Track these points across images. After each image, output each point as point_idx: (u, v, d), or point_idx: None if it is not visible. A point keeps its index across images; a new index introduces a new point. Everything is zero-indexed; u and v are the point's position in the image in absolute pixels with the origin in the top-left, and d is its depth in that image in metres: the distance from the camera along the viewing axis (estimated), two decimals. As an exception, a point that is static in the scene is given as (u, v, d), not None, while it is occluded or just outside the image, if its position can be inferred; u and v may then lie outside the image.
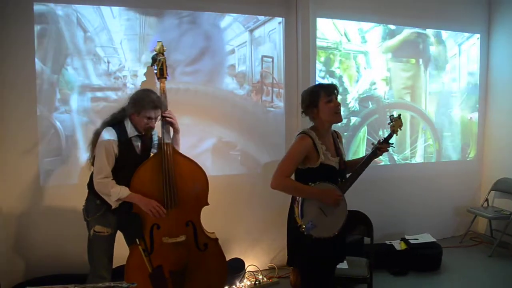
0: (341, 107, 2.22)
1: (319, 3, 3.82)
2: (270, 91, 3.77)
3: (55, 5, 3.11)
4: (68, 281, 2.46)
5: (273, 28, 3.73)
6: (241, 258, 3.60)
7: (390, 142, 2.31)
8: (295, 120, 3.75)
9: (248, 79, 3.68)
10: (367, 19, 4.12)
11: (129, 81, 3.30)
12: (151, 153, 2.65)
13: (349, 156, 3.93)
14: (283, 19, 3.75)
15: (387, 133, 2.34)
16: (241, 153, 3.70)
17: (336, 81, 4.00)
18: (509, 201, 4.35)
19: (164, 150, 2.51)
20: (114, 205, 2.42)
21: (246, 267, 3.60)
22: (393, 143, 2.33)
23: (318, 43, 3.91)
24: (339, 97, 2.23)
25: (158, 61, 2.66)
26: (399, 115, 2.35)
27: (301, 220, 2.10)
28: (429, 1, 4.36)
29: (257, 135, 3.74)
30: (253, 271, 3.60)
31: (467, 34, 4.63)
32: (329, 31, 3.98)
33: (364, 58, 4.16)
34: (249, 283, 3.45)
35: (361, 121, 4.19)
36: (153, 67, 2.73)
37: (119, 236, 2.61)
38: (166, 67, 2.68)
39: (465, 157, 4.75)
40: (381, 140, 2.30)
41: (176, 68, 3.40)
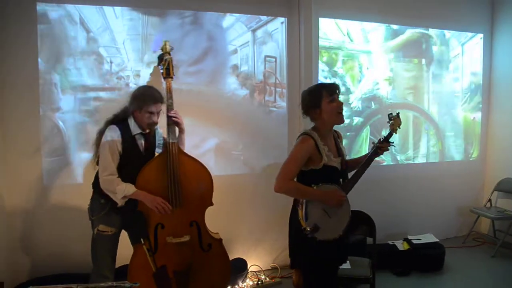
0: (343, 107, 2.18)
1: (321, 3, 3.82)
2: (273, 91, 3.77)
3: (58, 5, 3.12)
4: (71, 280, 2.46)
5: (276, 28, 3.73)
6: (244, 258, 3.60)
7: (390, 141, 2.28)
8: (297, 120, 3.74)
9: (251, 79, 3.68)
10: (369, 19, 4.12)
11: (131, 81, 3.31)
12: (155, 153, 2.65)
13: (351, 156, 3.92)
14: (286, 19, 3.75)
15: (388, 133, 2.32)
16: (244, 153, 3.70)
17: (339, 81, 4.00)
18: (512, 202, 4.34)
19: (170, 149, 2.51)
20: (120, 202, 2.41)
21: (248, 267, 3.59)
22: (393, 142, 2.31)
23: (321, 43, 3.91)
24: (342, 97, 2.19)
25: (165, 61, 2.64)
26: (398, 113, 2.32)
27: (305, 223, 2.08)
28: (432, 1, 4.35)
29: (259, 135, 3.74)
30: (255, 271, 3.61)
31: (470, 34, 4.61)
32: (331, 31, 3.97)
33: (367, 58, 4.15)
34: (251, 283, 3.45)
35: (364, 121, 4.18)
36: (159, 67, 2.72)
37: (122, 236, 2.61)
38: (173, 66, 2.67)
39: (468, 157, 4.74)
40: (382, 139, 2.28)
41: (179, 68, 3.40)
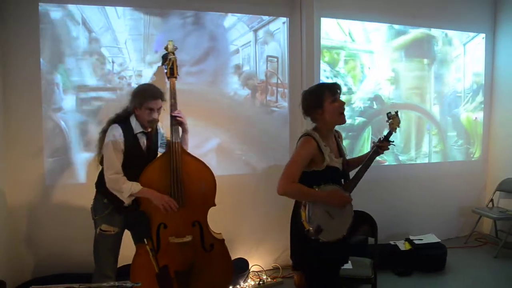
0: (345, 106, 2.15)
1: (323, 3, 3.81)
2: (275, 91, 3.77)
3: (60, 5, 3.13)
4: (73, 280, 2.46)
5: (278, 28, 3.73)
6: (245, 258, 3.60)
7: (390, 140, 2.27)
8: (299, 120, 3.73)
9: (253, 79, 3.68)
10: (371, 18, 4.11)
11: (133, 81, 3.31)
12: (158, 153, 2.66)
13: (352, 156, 3.92)
14: (287, 19, 3.75)
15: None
16: (245, 153, 3.70)
17: (340, 81, 3.98)
18: (514, 202, 4.33)
19: (173, 149, 2.51)
20: (127, 201, 2.40)
21: (250, 267, 3.59)
22: (393, 141, 2.30)
23: (322, 43, 3.90)
24: (344, 97, 2.18)
25: (169, 60, 2.65)
26: (396, 112, 2.30)
27: (308, 225, 2.04)
28: (433, 1, 4.34)
29: (261, 135, 3.73)
30: (257, 271, 3.60)
31: (472, 34, 4.60)
32: (333, 31, 3.97)
33: (369, 58, 4.15)
34: (253, 283, 3.45)
35: (366, 121, 4.18)
36: (163, 66, 2.73)
37: (124, 236, 2.61)
38: (177, 66, 2.67)
39: (470, 157, 4.73)
40: (382, 138, 2.28)
41: (181, 68, 3.40)
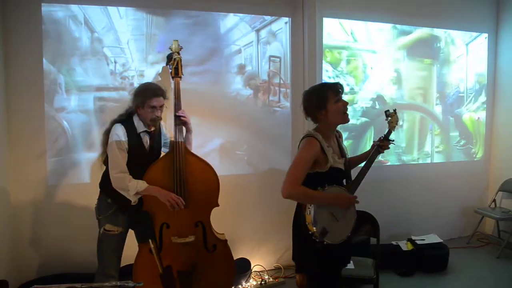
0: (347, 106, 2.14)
1: (325, 3, 3.81)
2: (277, 91, 3.77)
3: (63, 5, 3.13)
4: (76, 280, 2.48)
5: (280, 28, 3.73)
6: (247, 258, 3.61)
7: (390, 138, 2.27)
8: (301, 120, 3.72)
9: (255, 79, 3.68)
10: (373, 19, 4.10)
11: (135, 81, 3.31)
12: (162, 152, 2.66)
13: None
14: (290, 19, 3.74)
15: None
16: (248, 153, 3.70)
17: (343, 81, 3.98)
18: (517, 202, 4.32)
19: (176, 148, 2.52)
20: (134, 199, 2.41)
21: (252, 267, 3.60)
22: (393, 140, 2.30)
23: (325, 42, 3.90)
24: (346, 96, 2.16)
25: (174, 60, 2.66)
26: (395, 110, 2.30)
27: (313, 228, 1.99)
28: (436, 0, 4.33)
29: (263, 135, 3.73)
30: (259, 271, 3.60)
31: (474, 34, 4.59)
32: (335, 31, 3.96)
33: (371, 58, 4.14)
34: (255, 283, 3.45)
35: (368, 121, 4.17)
36: (168, 66, 2.73)
37: (127, 235, 2.62)
38: (182, 66, 2.68)
39: (473, 157, 4.72)
40: (382, 137, 2.27)
41: (184, 68, 3.39)
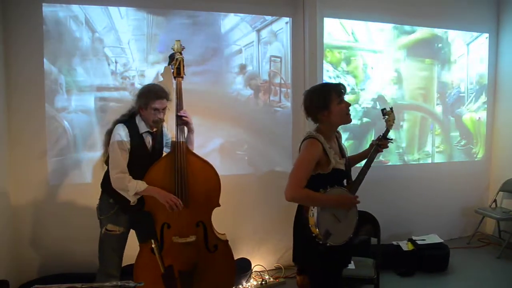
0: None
1: (326, 3, 3.81)
2: (278, 91, 3.76)
3: (63, 5, 3.13)
4: (76, 280, 2.48)
5: (280, 28, 3.73)
6: (248, 258, 3.61)
7: (388, 137, 2.27)
8: (302, 120, 3.73)
9: (256, 79, 3.68)
10: (374, 18, 4.10)
11: (136, 81, 3.31)
12: (164, 152, 2.67)
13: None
14: (290, 19, 3.74)
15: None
16: (248, 153, 3.70)
17: (344, 81, 3.98)
18: (518, 202, 4.32)
19: (177, 148, 2.52)
20: (133, 199, 2.41)
21: (252, 267, 3.60)
22: (392, 138, 2.30)
23: (325, 42, 3.90)
24: (347, 97, 2.15)
25: (176, 60, 2.66)
26: (391, 108, 2.30)
27: (317, 230, 1.96)
28: (437, 0, 4.33)
29: (264, 135, 3.73)
30: (259, 271, 3.60)
31: (475, 34, 4.59)
32: (336, 31, 3.96)
33: (372, 58, 4.13)
34: (255, 283, 3.45)
35: (369, 121, 4.16)
36: (170, 66, 2.73)
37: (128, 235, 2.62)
38: (184, 66, 2.68)
39: (473, 157, 4.72)
40: (380, 136, 2.27)
41: (186, 68, 3.40)
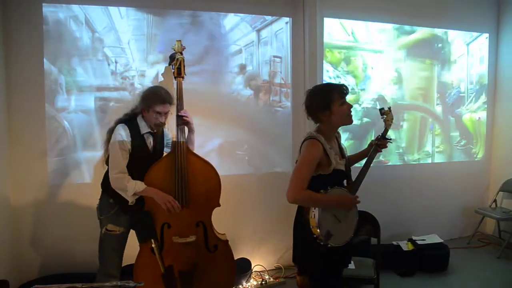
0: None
1: (326, 3, 3.81)
2: (278, 91, 3.76)
3: (64, 6, 3.14)
4: (76, 280, 2.48)
5: (280, 28, 3.73)
6: (248, 258, 3.61)
7: (387, 137, 2.27)
8: (302, 120, 3.73)
9: (256, 79, 3.68)
10: (374, 18, 4.10)
11: (136, 81, 3.32)
12: (164, 152, 2.66)
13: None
14: (290, 19, 3.74)
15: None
16: (248, 153, 3.70)
17: (344, 81, 3.98)
18: (518, 202, 4.32)
19: (178, 148, 2.51)
20: (131, 200, 2.41)
21: (252, 267, 3.60)
22: (391, 138, 2.30)
23: (325, 42, 3.90)
24: (348, 97, 2.14)
25: (176, 60, 2.66)
26: (389, 107, 2.30)
27: (318, 231, 1.95)
28: (437, 0, 4.33)
29: (264, 135, 3.73)
30: (259, 271, 3.60)
31: (475, 34, 4.59)
32: (336, 31, 3.96)
33: (372, 58, 4.14)
34: (255, 283, 3.45)
35: (370, 121, 4.16)
36: (170, 66, 2.73)
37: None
38: (184, 66, 2.68)
39: (473, 157, 4.72)
40: (379, 136, 2.27)
41: (187, 68, 3.40)
